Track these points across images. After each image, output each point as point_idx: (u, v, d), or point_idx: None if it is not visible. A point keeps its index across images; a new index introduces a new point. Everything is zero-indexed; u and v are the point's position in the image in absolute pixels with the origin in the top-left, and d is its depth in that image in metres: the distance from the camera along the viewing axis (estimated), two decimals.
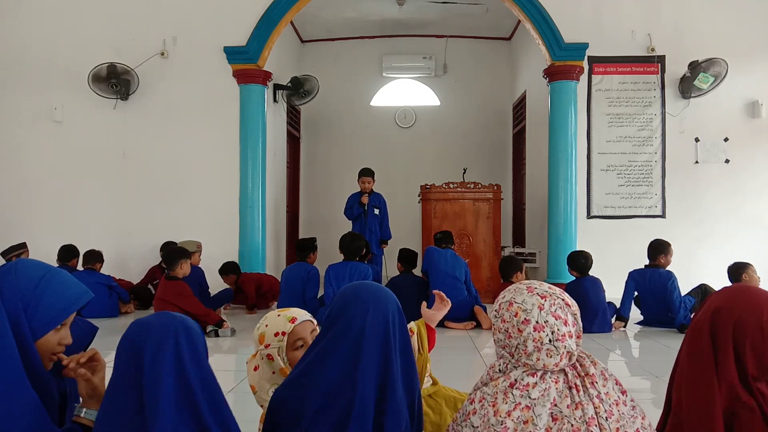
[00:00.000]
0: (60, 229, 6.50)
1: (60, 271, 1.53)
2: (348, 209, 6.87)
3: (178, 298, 4.72)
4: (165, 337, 1.28)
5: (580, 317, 1.48)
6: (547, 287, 1.48)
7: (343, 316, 1.46)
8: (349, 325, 1.43)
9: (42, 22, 6.80)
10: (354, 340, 1.41)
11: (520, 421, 1.37)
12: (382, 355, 1.42)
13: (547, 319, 1.42)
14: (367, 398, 1.37)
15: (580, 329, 1.46)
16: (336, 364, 1.40)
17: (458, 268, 5.44)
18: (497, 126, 9.71)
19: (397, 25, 9.09)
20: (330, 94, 9.24)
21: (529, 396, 1.39)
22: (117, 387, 1.29)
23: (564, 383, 1.43)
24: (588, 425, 1.37)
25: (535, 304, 1.43)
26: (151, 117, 6.70)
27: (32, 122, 6.78)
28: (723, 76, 6.25)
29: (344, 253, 5.36)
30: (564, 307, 1.44)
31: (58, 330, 1.48)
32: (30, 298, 1.43)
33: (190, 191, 6.69)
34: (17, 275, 1.45)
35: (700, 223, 6.54)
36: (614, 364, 4.09)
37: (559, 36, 6.44)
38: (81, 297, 1.53)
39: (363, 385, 1.37)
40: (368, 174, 6.85)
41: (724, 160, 6.58)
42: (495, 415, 1.39)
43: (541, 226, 7.08)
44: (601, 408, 1.41)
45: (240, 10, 6.63)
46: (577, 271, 5.24)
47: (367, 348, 1.40)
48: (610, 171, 6.61)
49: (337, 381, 1.39)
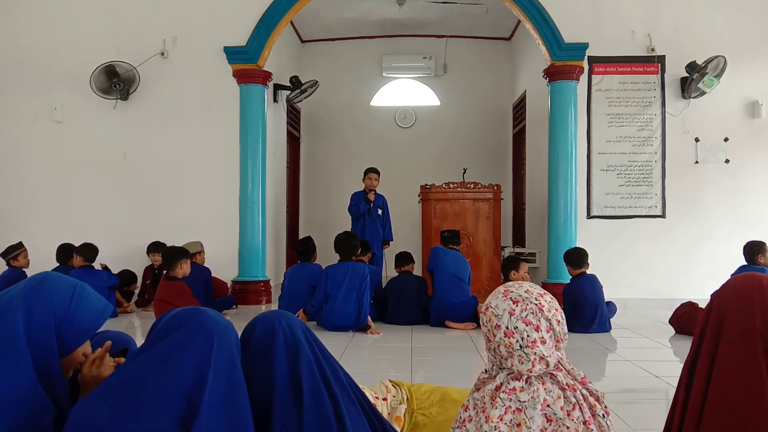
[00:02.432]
0: (60, 229, 6.50)
1: (85, 286, 1.53)
2: (353, 206, 6.87)
3: (177, 299, 4.71)
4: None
5: (562, 320, 1.43)
6: (525, 290, 1.45)
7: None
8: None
9: (42, 22, 6.80)
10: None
11: (513, 424, 1.36)
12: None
13: (517, 324, 1.40)
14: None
15: (559, 334, 1.42)
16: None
17: (463, 269, 5.43)
18: (497, 126, 9.71)
19: (397, 25, 9.09)
20: (330, 94, 9.24)
21: (518, 399, 1.38)
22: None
23: (553, 383, 1.41)
24: (587, 425, 1.37)
25: (506, 309, 1.42)
26: (151, 117, 6.70)
27: (32, 122, 6.78)
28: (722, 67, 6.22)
29: (340, 252, 5.36)
30: (537, 312, 1.40)
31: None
32: (64, 316, 1.42)
33: (190, 191, 6.69)
34: (50, 292, 1.43)
35: (700, 223, 6.54)
36: (614, 364, 4.09)
37: (559, 36, 6.44)
38: (105, 311, 1.54)
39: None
40: (375, 171, 6.88)
41: (724, 160, 6.58)
42: (487, 421, 1.38)
43: (541, 226, 7.08)
44: (598, 406, 1.41)
45: (240, 10, 6.63)
46: (570, 265, 5.22)
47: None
48: (610, 171, 6.61)
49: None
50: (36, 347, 1.37)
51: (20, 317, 1.37)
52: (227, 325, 1.39)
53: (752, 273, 1.49)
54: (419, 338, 4.84)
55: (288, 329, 1.51)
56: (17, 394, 1.32)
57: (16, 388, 1.32)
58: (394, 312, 5.46)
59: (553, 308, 1.43)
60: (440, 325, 5.30)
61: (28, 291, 1.42)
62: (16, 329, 1.35)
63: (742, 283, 1.45)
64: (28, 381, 1.33)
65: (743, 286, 1.44)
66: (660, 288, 6.44)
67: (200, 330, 1.32)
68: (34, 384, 1.34)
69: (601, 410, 1.41)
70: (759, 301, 1.38)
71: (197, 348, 1.30)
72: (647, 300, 6.39)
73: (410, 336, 4.91)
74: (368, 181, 6.84)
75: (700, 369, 1.43)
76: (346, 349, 4.31)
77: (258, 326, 1.51)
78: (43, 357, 1.37)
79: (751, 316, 1.38)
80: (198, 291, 5.36)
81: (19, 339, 1.35)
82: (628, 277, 6.40)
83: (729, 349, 1.38)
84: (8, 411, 1.29)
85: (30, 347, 1.36)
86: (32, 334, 1.37)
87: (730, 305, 1.43)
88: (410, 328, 5.25)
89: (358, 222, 6.84)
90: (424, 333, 5.09)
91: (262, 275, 6.72)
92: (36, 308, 1.39)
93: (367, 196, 6.77)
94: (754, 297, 1.40)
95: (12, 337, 1.35)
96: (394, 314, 5.45)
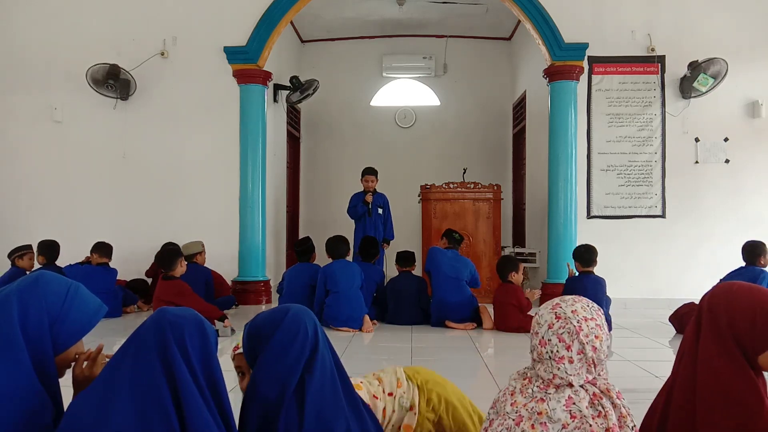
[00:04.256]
0: (60, 229, 6.50)
1: (79, 286, 1.54)
2: (352, 208, 6.86)
3: (177, 297, 4.71)
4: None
5: (599, 347, 1.49)
6: (572, 310, 1.52)
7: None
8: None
9: (42, 23, 6.80)
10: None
11: (534, 412, 1.44)
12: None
13: (551, 338, 1.49)
14: None
15: (591, 359, 1.47)
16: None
17: (461, 269, 5.42)
18: (497, 126, 9.70)
19: (397, 25, 9.09)
20: (330, 94, 9.23)
21: (546, 391, 1.47)
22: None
23: (581, 387, 1.47)
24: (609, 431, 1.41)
25: (547, 321, 1.52)
26: (151, 117, 6.70)
27: (32, 122, 6.78)
28: (723, 75, 6.25)
29: (332, 256, 5.42)
30: (573, 333, 1.48)
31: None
32: (57, 315, 1.43)
33: (190, 191, 6.69)
34: (44, 290, 1.44)
35: (700, 223, 6.54)
36: (614, 364, 4.09)
37: (559, 36, 6.44)
38: (99, 311, 1.55)
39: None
40: (372, 172, 6.85)
41: (724, 160, 6.58)
42: (512, 405, 1.49)
43: (541, 226, 7.08)
44: (628, 419, 1.46)
45: (240, 10, 6.63)
46: (579, 263, 5.18)
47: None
48: (610, 171, 6.61)
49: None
50: (31, 345, 1.37)
51: (15, 315, 1.37)
52: (191, 319, 1.42)
53: (725, 283, 1.59)
54: (419, 338, 4.84)
55: (313, 333, 1.58)
56: (17, 390, 1.32)
57: (16, 385, 1.32)
58: (394, 312, 5.46)
59: (593, 335, 1.49)
60: (440, 325, 5.30)
61: (22, 289, 1.43)
62: (12, 326, 1.36)
63: (718, 290, 1.56)
64: (27, 378, 1.34)
65: (717, 292, 1.54)
66: (660, 288, 6.44)
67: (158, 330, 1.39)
68: (33, 381, 1.34)
69: (631, 422, 1.46)
70: (724, 303, 1.49)
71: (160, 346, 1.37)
72: (647, 300, 6.39)
73: (410, 336, 4.91)
74: (364, 183, 6.84)
75: (684, 372, 1.53)
76: (345, 349, 4.31)
77: (286, 323, 1.55)
78: (39, 355, 1.38)
79: (718, 318, 1.48)
80: (198, 291, 5.36)
81: (16, 336, 1.35)
82: (628, 277, 6.39)
83: (707, 354, 1.48)
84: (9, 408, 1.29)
85: (26, 345, 1.36)
86: (27, 331, 1.37)
87: (704, 312, 1.53)
88: (410, 328, 5.25)
89: (359, 223, 6.83)
90: (424, 333, 5.09)
91: (262, 275, 6.72)
92: (30, 306, 1.40)
93: (365, 198, 6.76)
94: (721, 300, 1.51)
95: (9, 334, 1.35)
96: (394, 314, 5.45)
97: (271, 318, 1.60)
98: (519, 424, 1.44)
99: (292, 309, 1.63)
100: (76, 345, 1.50)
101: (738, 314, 1.44)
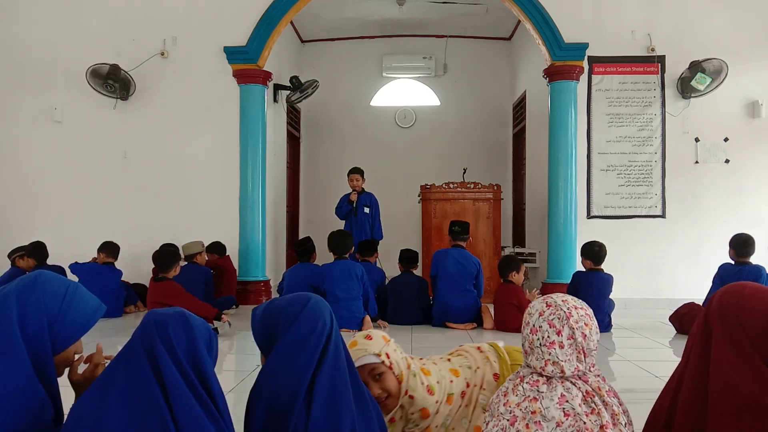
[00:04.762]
0: (60, 229, 6.50)
1: (78, 285, 1.53)
2: (338, 208, 6.90)
3: (170, 298, 4.71)
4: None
5: (589, 335, 1.51)
6: (562, 299, 1.56)
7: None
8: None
9: (42, 23, 6.80)
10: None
11: (528, 411, 1.44)
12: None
13: (542, 324, 1.52)
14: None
15: (581, 345, 1.49)
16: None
17: (467, 267, 5.31)
18: (497, 126, 9.71)
19: (397, 25, 9.09)
20: (330, 94, 9.24)
21: (538, 390, 1.48)
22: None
23: (572, 384, 1.48)
24: (603, 428, 1.42)
25: (538, 310, 1.55)
26: (151, 117, 6.70)
27: (32, 122, 6.78)
28: (723, 77, 6.25)
29: (334, 251, 5.37)
30: (563, 319, 1.50)
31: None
32: (56, 315, 1.43)
33: (190, 191, 6.69)
34: (43, 290, 1.44)
35: (700, 223, 6.54)
36: (614, 364, 4.09)
37: (559, 36, 6.44)
38: (97, 311, 1.55)
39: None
40: (356, 171, 6.86)
41: (724, 160, 6.58)
42: (505, 405, 1.49)
43: (541, 226, 7.08)
44: (621, 417, 1.46)
45: (240, 10, 6.63)
46: (591, 261, 5.15)
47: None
48: (610, 171, 6.61)
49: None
50: (30, 344, 1.37)
51: (14, 314, 1.37)
52: (175, 315, 1.43)
53: (734, 284, 1.57)
54: (419, 338, 4.84)
55: (329, 331, 1.58)
56: (16, 390, 1.32)
57: (16, 385, 1.32)
58: (394, 312, 5.46)
59: (583, 322, 1.51)
60: (441, 325, 5.30)
61: (21, 288, 1.43)
62: (11, 326, 1.36)
63: (728, 292, 1.53)
64: (26, 377, 1.34)
65: (728, 294, 1.51)
66: (660, 288, 6.44)
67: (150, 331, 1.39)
68: (33, 381, 1.34)
69: (624, 420, 1.47)
70: (736, 305, 1.47)
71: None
72: (647, 300, 6.39)
73: (410, 336, 4.91)
74: (349, 182, 6.86)
75: (692, 374, 1.50)
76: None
77: (301, 319, 1.55)
78: (38, 354, 1.38)
79: (730, 320, 1.47)
80: (198, 291, 5.37)
81: (15, 335, 1.35)
82: (628, 277, 6.37)
83: (721, 356, 1.46)
84: (8, 407, 1.30)
85: (25, 344, 1.36)
86: (26, 331, 1.37)
87: (714, 314, 1.51)
88: (410, 328, 5.25)
89: (345, 223, 6.84)
90: (424, 333, 5.09)
91: (262, 275, 6.72)
92: (29, 306, 1.40)
93: (349, 197, 6.76)
94: (732, 302, 1.49)
95: (8, 334, 1.35)
96: (394, 314, 5.45)
97: (290, 305, 1.59)
98: (513, 424, 1.44)
99: (312, 299, 1.62)
100: (75, 344, 1.50)
101: (752, 316, 1.45)
